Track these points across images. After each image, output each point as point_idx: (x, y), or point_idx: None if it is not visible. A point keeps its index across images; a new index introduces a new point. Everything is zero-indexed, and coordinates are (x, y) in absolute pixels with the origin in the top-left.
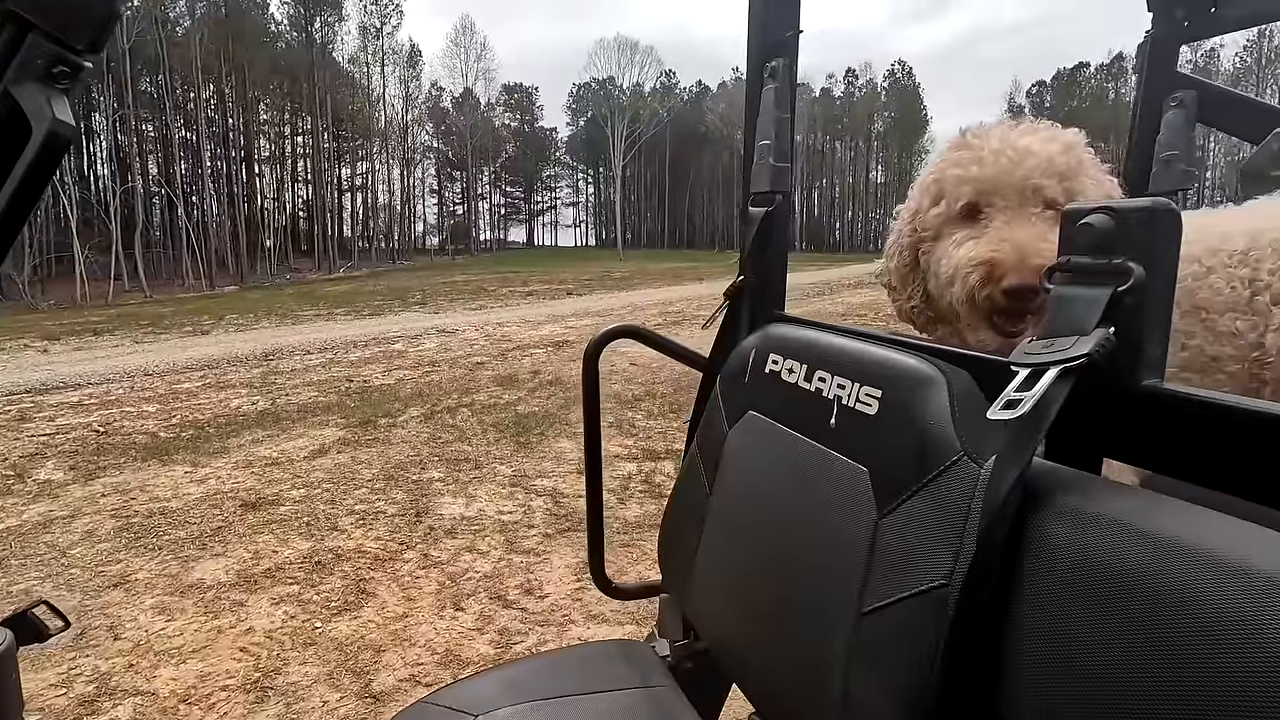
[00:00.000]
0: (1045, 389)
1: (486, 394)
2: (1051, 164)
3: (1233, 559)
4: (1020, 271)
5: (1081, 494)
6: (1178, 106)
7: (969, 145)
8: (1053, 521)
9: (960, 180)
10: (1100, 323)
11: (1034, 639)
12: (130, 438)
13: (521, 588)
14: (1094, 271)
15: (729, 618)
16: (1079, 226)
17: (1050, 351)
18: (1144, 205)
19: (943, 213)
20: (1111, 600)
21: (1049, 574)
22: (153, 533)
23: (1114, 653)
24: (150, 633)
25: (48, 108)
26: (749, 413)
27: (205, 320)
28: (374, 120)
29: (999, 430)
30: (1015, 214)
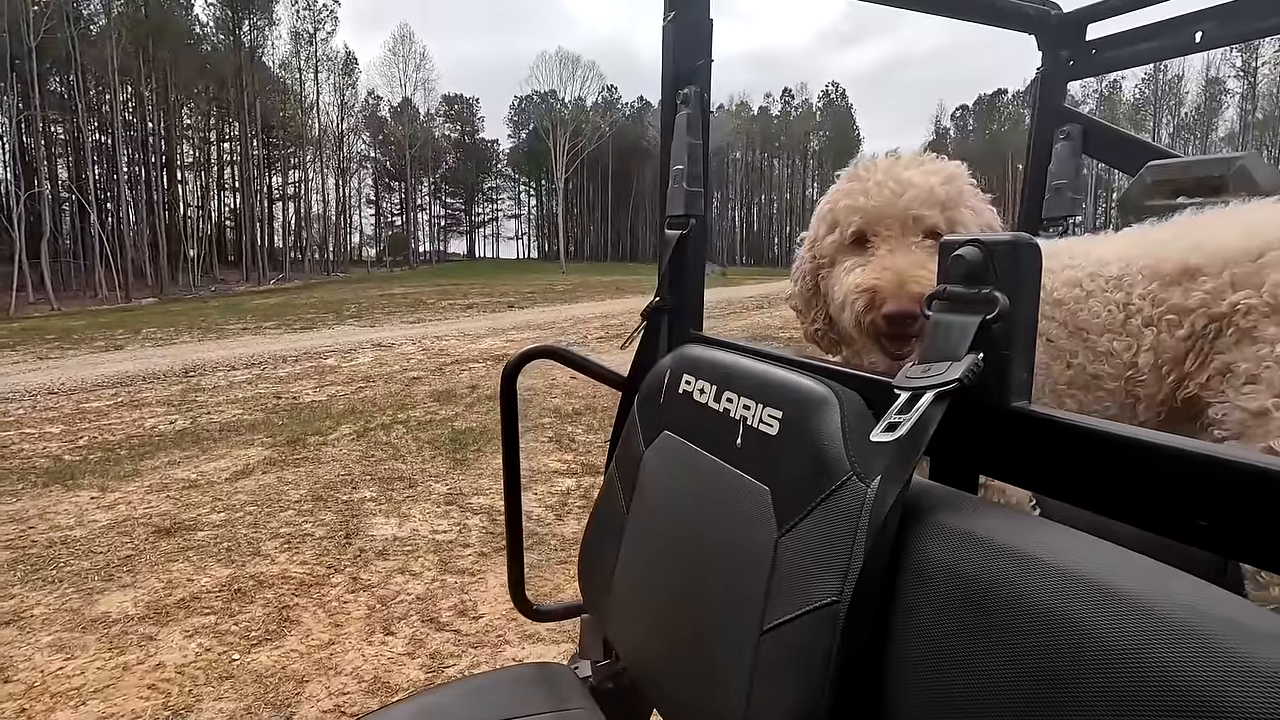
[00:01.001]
0: (922, 411)
1: (423, 410)
2: (932, 195)
3: (1087, 574)
4: (898, 298)
5: (954, 512)
6: (1066, 139)
7: (859, 177)
8: (929, 539)
9: (850, 210)
10: (971, 348)
11: (915, 654)
12: (30, 461)
13: (455, 609)
14: (966, 300)
15: (645, 637)
16: (953, 258)
17: (927, 376)
18: (1007, 239)
19: (836, 240)
20: (977, 613)
21: (926, 589)
22: (52, 564)
23: (980, 666)
24: (46, 673)
25: None
26: (664, 432)
27: (119, 334)
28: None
29: (884, 451)
30: (897, 243)
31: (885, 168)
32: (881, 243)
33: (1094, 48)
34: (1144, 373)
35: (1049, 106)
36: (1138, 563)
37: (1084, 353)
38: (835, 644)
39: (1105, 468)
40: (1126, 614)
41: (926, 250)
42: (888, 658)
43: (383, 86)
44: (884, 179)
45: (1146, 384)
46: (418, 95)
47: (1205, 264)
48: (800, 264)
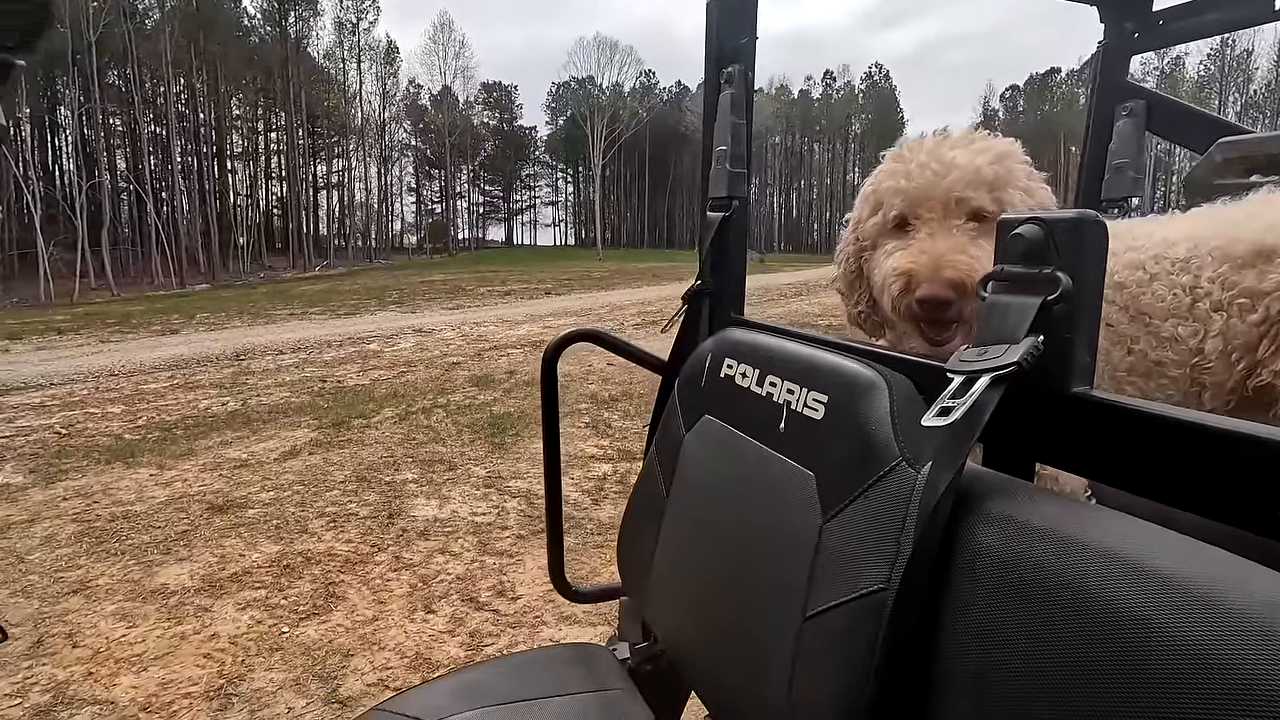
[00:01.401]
0: (977, 396)
1: (462, 394)
2: (978, 175)
3: (1154, 567)
4: (933, 283)
5: (1010, 500)
6: (1128, 116)
7: (903, 157)
8: (983, 527)
9: (892, 192)
10: (1030, 331)
11: (965, 644)
12: (94, 440)
13: (494, 589)
14: (1025, 280)
15: (684, 621)
16: (1011, 236)
17: (983, 359)
18: (1071, 216)
19: (878, 223)
20: (1033, 605)
21: (978, 579)
22: (115, 537)
23: (1037, 658)
24: (110, 640)
25: None
26: (705, 416)
27: (175, 319)
28: (350, 117)
29: (935, 436)
30: (938, 226)
31: (930, 148)
32: (922, 225)
33: (1161, 18)
34: (1211, 359)
35: (1110, 81)
36: (1211, 555)
37: (1146, 338)
38: (881, 632)
39: (1175, 456)
40: (1199, 608)
41: (969, 234)
42: (936, 647)
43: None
44: (927, 160)
45: (1214, 371)
46: (457, 83)
47: None
48: (844, 246)
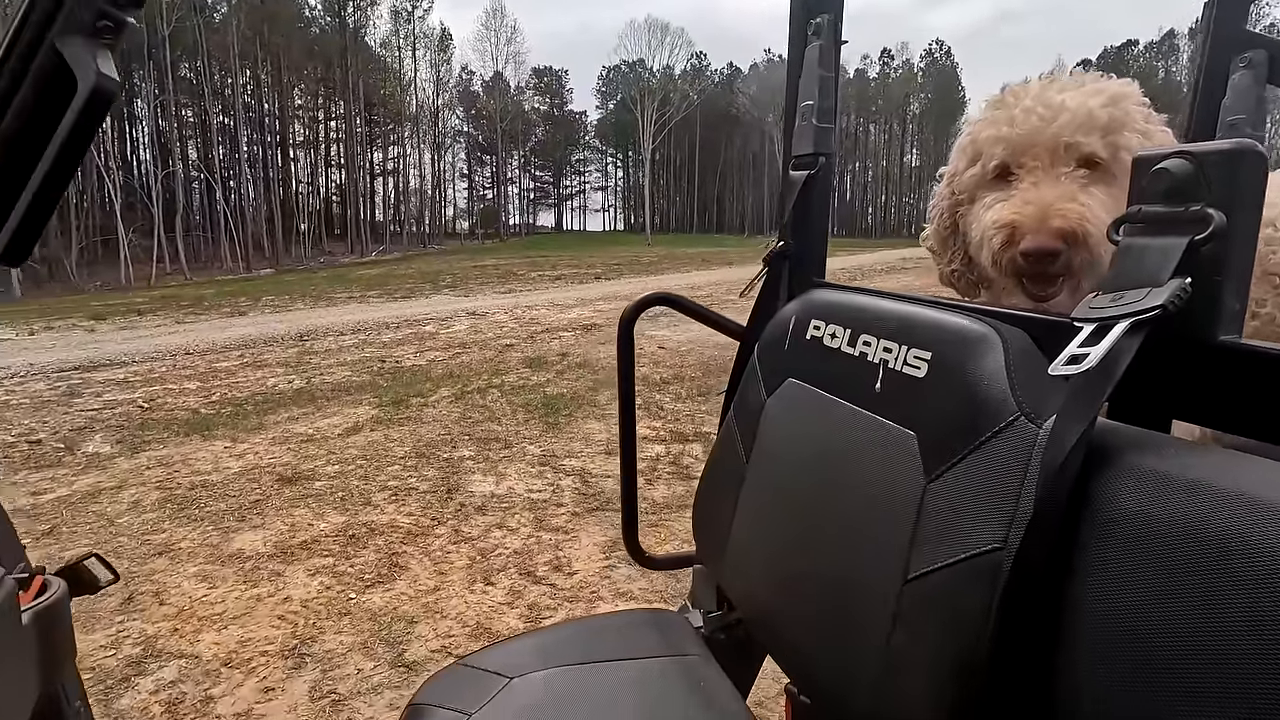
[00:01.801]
0: (1114, 343)
1: (516, 375)
2: (1090, 118)
3: None
4: (1039, 233)
5: (1154, 453)
6: (1246, 68)
7: (1005, 103)
8: (1120, 482)
9: (993, 140)
10: (1176, 273)
11: (1096, 605)
12: (173, 413)
13: (550, 564)
14: (1168, 220)
15: (764, 588)
16: (1153, 173)
17: (1119, 305)
18: (1226, 147)
19: (977, 174)
20: (1188, 564)
21: (1113, 537)
22: (195, 504)
23: (1193, 619)
24: (193, 599)
25: (93, 62)
26: (788, 380)
27: (242, 302)
28: (405, 104)
29: (1059, 389)
30: (1044, 174)
31: (1036, 92)
32: (1026, 174)
33: None
34: None
35: (1224, 32)
36: None
37: (1275, 300)
38: (996, 593)
39: None
40: None
41: (1079, 181)
42: (1063, 606)
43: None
44: (1033, 104)
45: None
46: (508, 69)
47: None
48: (937, 201)
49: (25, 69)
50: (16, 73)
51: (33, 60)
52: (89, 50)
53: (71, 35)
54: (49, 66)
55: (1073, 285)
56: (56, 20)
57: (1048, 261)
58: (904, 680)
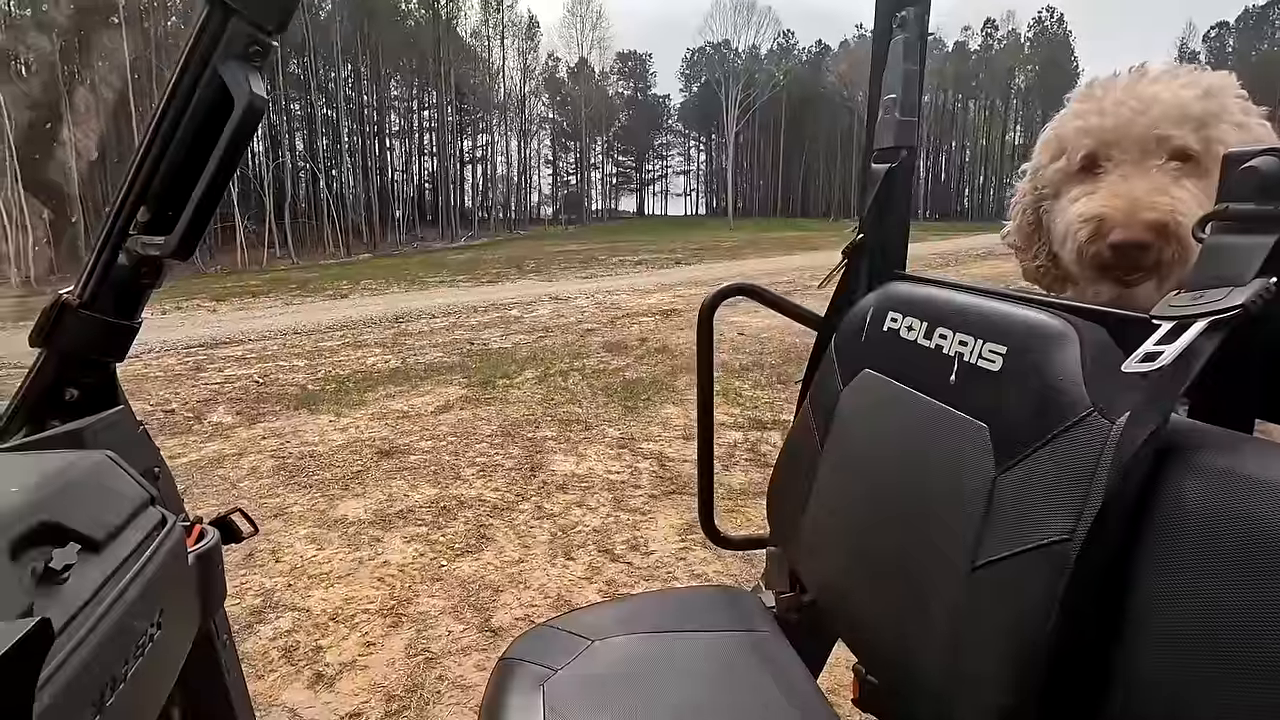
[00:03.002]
0: (1190, 341)
1: (596, 359)
2: (1183, 111)
3: None
4: (1129, 226)
5: (1233, 454)
6: None
7: (1092, 96)
8: (1196, 481)
9: (1080, 133)
10: (1260, 272)
11: (1162, 603)
12: (284, 389)
13: (628, 544)
14: (1256, 219)
15: (836, 571)
16: (1243, 170)
17: (1199, 303)
18: None
19: (1062, 168)
20: (1255, 564)
21: (1184, 534)
22: (304, 472)
23: (1255, 617)
24: (304, 559)
25: (246, 82)
26: (864, 370)
27: (343, 285)
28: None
29: (1136, 386)
30: (1134, 166)
31: (1126, 84)
32: (1115, 167)
33: None
34: None
35: None
36: None
37: None
38: (1062, 583)
39: None
40: None
41: (1171, 174)
42: (1129, 599)
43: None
44: (1124, 96)
45: None
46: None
47: None
48: (1020, 197)
49: (193, 92)
50: (186, 95)
51: (198, 84)
52: (243, 72)
53: (229, 60)
54: (212, 88)
55: (1160, 278)
56: (218, 48)
57: (1137, 255)
58: (970, 663)
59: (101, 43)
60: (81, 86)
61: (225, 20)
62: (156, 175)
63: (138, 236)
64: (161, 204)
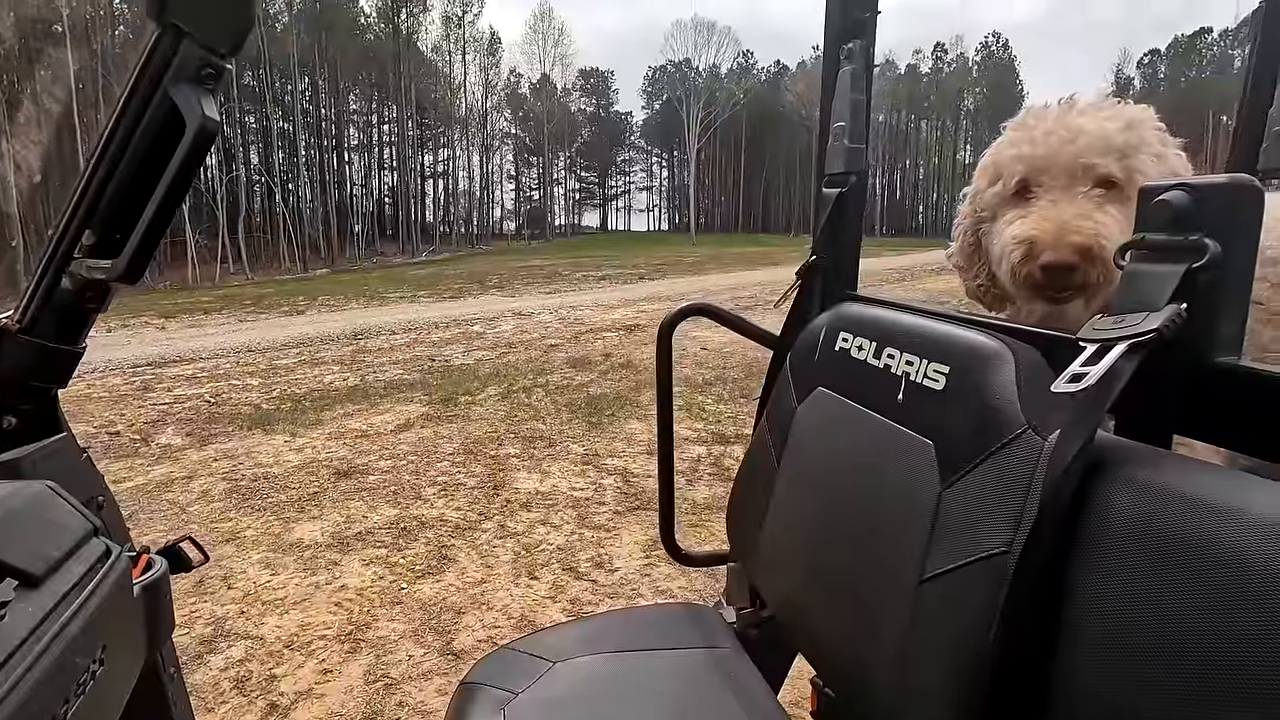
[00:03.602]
0: (1112, 363)
1: (560, 375)
2: (1107, 142)
3: None
4: (1056, 249)
5: (1151, 468)
6: None
7: (1026, 125)
8: (1120, 493)
9: (1014, 159)
10: (1172, 299)
11: (1094, 608)
12: (237, 408)
13: (592, 561)
14: (1169, 248)
15: (794, 586)
16: (1155, 203)
17: (1119, 327)
18: (1222, 181)
19: (998, 192)
20: (1176, 572)
21: (1112, 543)
22: (258, 495)
23: (1178, 624)
24: (258, 584)
25: (198, 105)
26: (818, 389)
27: (300, 301)
28: (455, 107)
29: (1065, 405)
30: (1063, 192)
31: (1056, 115)
32: (1045, 193)
33: None
34: None
35: (1274, 37)
36: None
37: None
38: (1003, 593)
39: None
40: None
41: (1096, 201)
42: (1062, 608)
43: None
44: (1054, 126)
45: None
46: (556, 71)
47: None
48: (961, 219)
49: (142, 114)
50: (136, 117)
51: (148, 106)
52: (195, 95)
53: (181, 82)
54: (162, 111)
55: (1088, 297)
56: (169, 70)
57: (1065, 276)
58: (917, 677)
59: (45, 54)
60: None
61: (177, 43)
62: (103, 197)
63: (83, 260)
64: (108, 227)
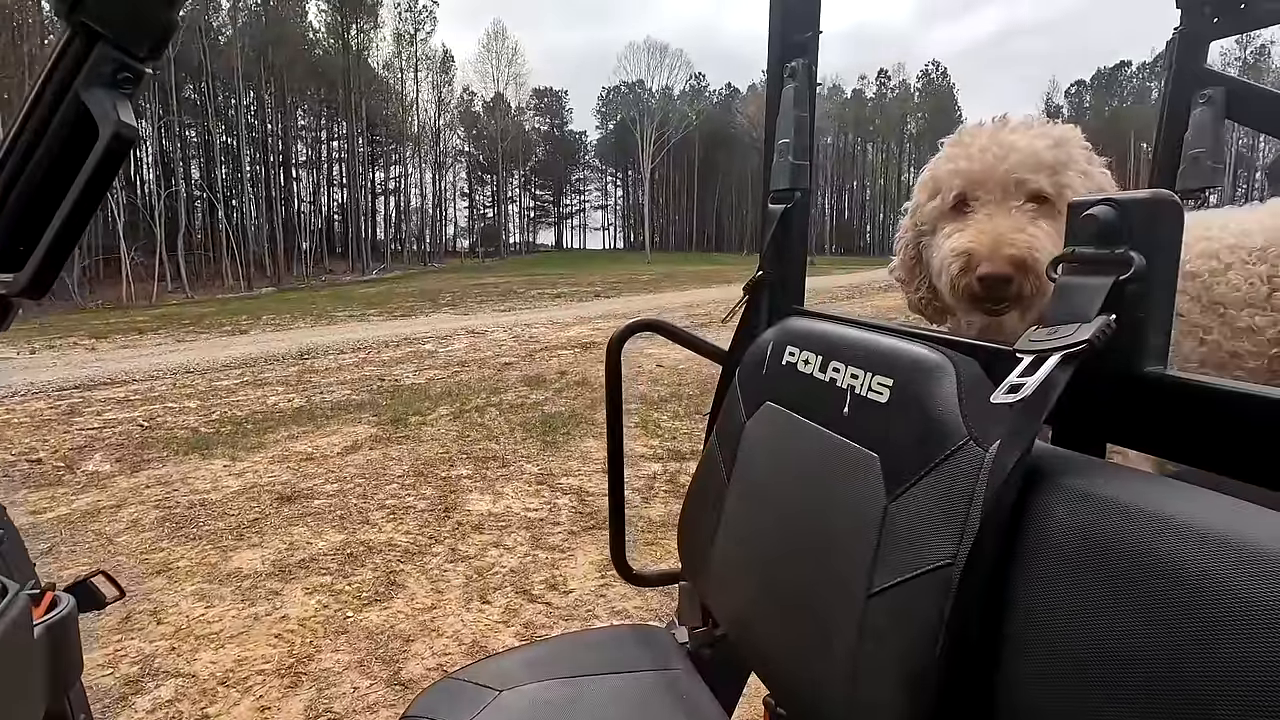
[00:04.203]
0: (1047, 374)
1: (514, 394)
2: (1037, 158)
3: (1242, 541)
4: (993, 261)
5: (1086, 476)
6: (1206, 104)
7: (962, 142)
8: (1057, 502)
9: (952, 175)
10: (1102, 310)
11: (1036, 617)
12: (173, 432)
13: (547, 583)
14: (1097, 261)
15: (745, 603)
16: (1083, 218)
17: (1053, 338)
18: (1145, 196)
19: (937, 206)
20: (1111, 578)
21: (1050, 553)
22: (193, 523)
23: (1113, 630)
24: (191, 618)
25: (113, 111)
26: (766, 403)
27: (244, 320)
28: (407, 125)
29: (1004, 415)
30: (997, 206)
31: (990, 132)
32: (981, 207)
33: (1243, 1)
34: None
35: (1187, 69)
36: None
37: (1220, 328)
38: (949, 605)
39: (1256, 435)
40: None
41: (1028, 215)
42: (1006, 619)
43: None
44: (988, 144)
45: None
46: (509, 89)
47: None
48: (903, 233)
49: (51, 117)
50: (43, 121)
51: (58, 109)
52: (110, 100)
53: (94, 87)
54: (73, 115)
55: (1024, 307)
56: (81, 73)
57: (1002, 287)
58: (870, 691)
59: None
60: None
61: (90, 45)
62: (5, 206)
63: None
64: (11, 238)
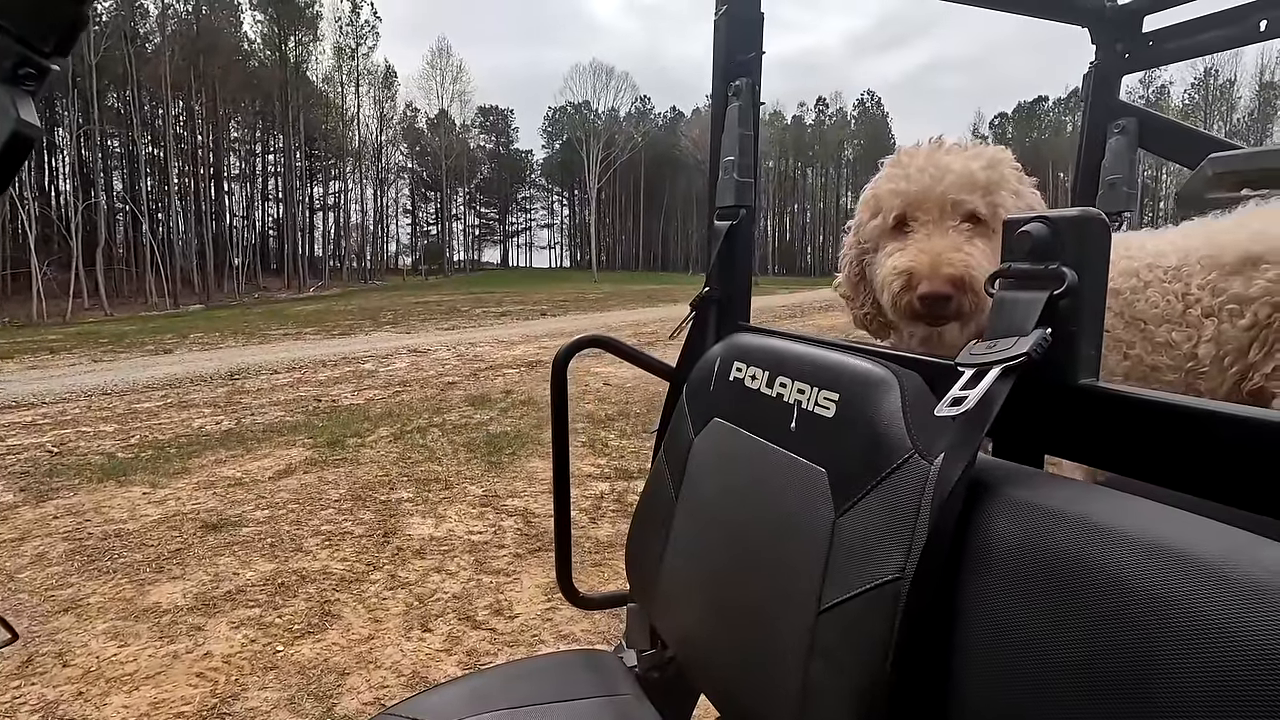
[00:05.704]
0: (988, 386)
1: (458, 414)
2: (972, 179)
3: (1167, 545)
4: (933, 280)
5: (1027, 487)
6: (1120, 133)
7: (901, 163)
8: (998, 513)
9: (892, 194)
10: (1038, 324)
11: (982, 628)
12: (86, 458)
13: (491, 608)
14: (1032, 276)
15: (693, 623)
16: (1018, 234)
17: (993, 352)
18: (1075, 214)
19: (879, 225)
20: (1050, 586)
21: (994, 564)
22: (107, 555)
23: (1054, 638)
24: (102, 659)
25: (12, 108)
26: (714, 419)
27: (168, 339)
28: (348, 140)
29: (947, 428)
30: (935, 226)
31: (927, 153)
32: (920, 226)
33: (1151, 39)
34: (1205, 364)
35: (1102, 101)
36: (1220, 530)
37: (1141, 344)
38: (898, 620)
39: (1181, 442)
40: (1213, 583)
41: (965, 234)
42: (955, 632)
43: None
44: (925, 164)
45: (1208, 376)
46: (454, 107)
47: (1268, 252)
48: (846, 251)
49: None
50: None
51: None
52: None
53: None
54: None
55: (964, 322)
56: None
57: (941, 304)
58: (821, 709)
59: None
60: None
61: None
62: None
63: None
64: None
